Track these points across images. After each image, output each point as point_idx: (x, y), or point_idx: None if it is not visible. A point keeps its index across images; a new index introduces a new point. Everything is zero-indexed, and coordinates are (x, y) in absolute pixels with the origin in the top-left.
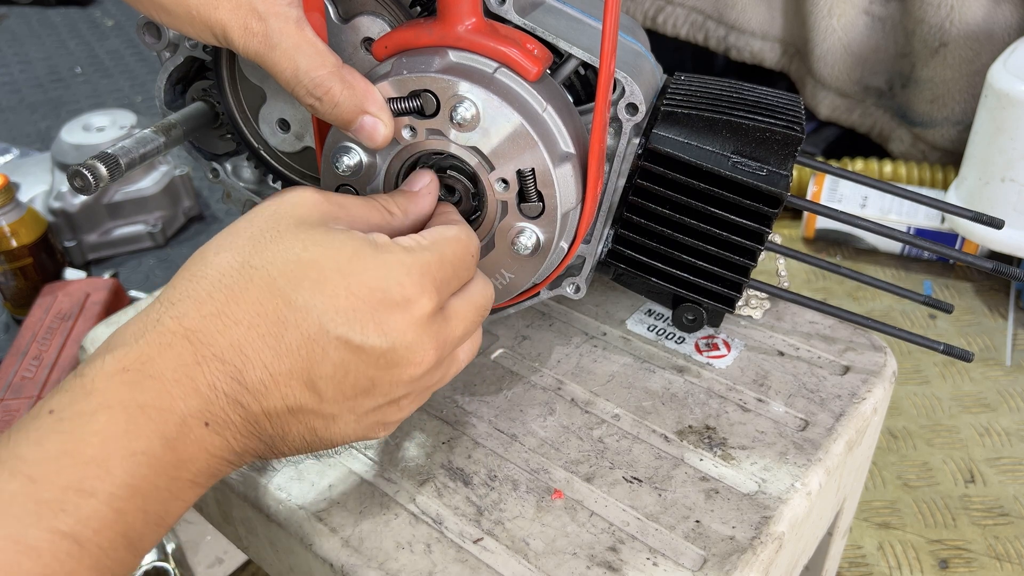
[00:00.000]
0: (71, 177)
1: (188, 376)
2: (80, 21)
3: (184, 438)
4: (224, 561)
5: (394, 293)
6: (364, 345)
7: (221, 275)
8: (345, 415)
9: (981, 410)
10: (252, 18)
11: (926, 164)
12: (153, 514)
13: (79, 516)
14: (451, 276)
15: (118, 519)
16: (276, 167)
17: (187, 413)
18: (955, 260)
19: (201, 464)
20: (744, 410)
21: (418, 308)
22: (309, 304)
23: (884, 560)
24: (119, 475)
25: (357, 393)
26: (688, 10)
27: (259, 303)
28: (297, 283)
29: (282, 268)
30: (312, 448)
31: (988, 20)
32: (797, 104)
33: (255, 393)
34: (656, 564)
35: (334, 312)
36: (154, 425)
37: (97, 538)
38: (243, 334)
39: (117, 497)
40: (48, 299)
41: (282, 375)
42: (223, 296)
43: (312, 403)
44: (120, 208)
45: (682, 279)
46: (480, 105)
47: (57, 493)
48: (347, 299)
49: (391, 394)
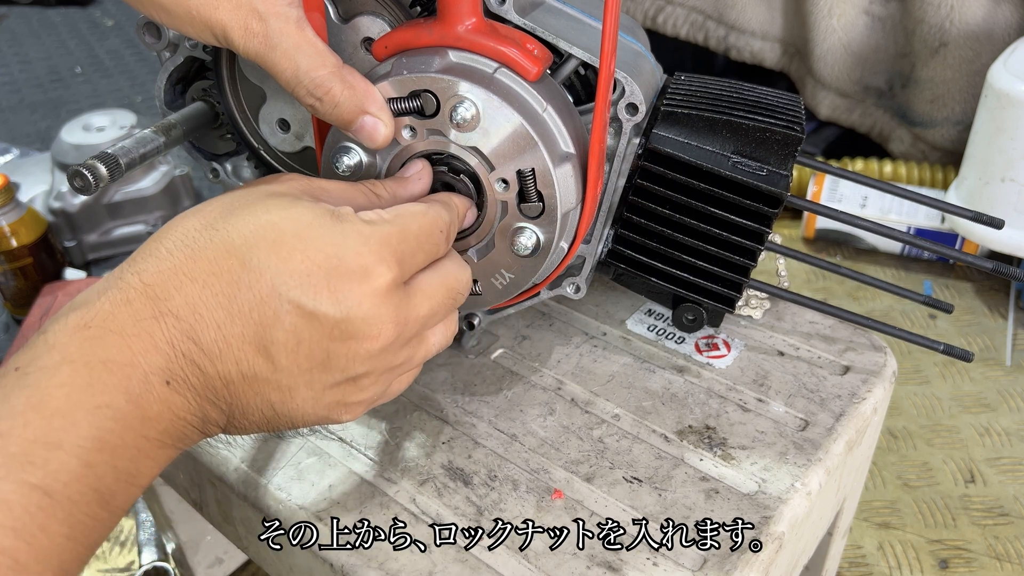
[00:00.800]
0: (71, 177)
1: (147, 331)
2: (80, 21)
3: (147, 395)
4: (224, 561)
5: (350, 261)
6: (317, 311)
7: (184, 235)
8: (302, 389)
9: (981, 410)
10: (252, 18)
11: (926, 164)
12: (123, 471)
13: (47, 469)
14: (415, 249)
15: (87, 472)
16: (276, 167)
17: (148, 370)
18: (955, 260)
19: (166, 423)
20: (744, 410)
21: (375, 278)
22: (263, 265)
23: (884, 560)
24: (85, 428)
25: (312, 365)
26: (688, 10)
27: (215, 261)
28: (254, 244)
29: (241, 230)
30: (273, 424)
31: (988, 20)
32: (797, 104)
33: (210, 355)
34: (656, 564)
35: (287, 275)
36: (116, 380)
37: (67, 491)
38: (198, 292)
39: (84, 449)
40: (48, 299)
41: (235, 337)
42: (182, 254)
43: (266, 371)
44: (120, 208)
45: (682, 279)
46: (480, 105)
47: (24, 446)
48: (302, 262)
49: (348, 369)
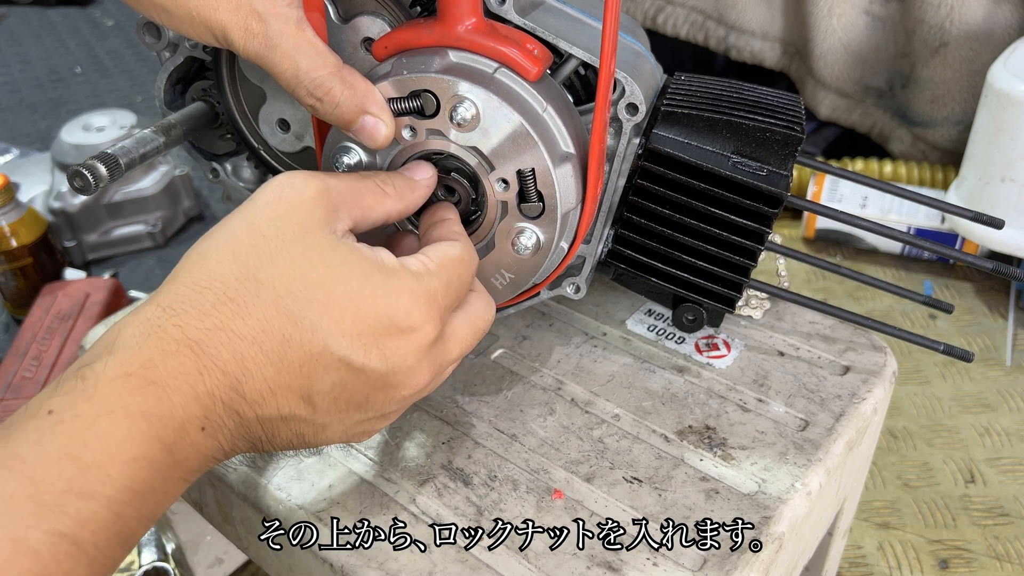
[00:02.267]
0: (71, 177)
1: (189, 384)
2: (80, 21)
3: (181, 442)
4: (224, 561)
5: (400, 321)
6: (365, 367)
7: (225, 287)
8: (335, 425)
9: (981, 410)
10: (252, 19)
11: (926, 164)
12: (147, 513)
13: (79, 518)
14: (454, 300)
15: (116, 520)
16: (276, 167)
17: (185, 419)
18: (955, 260)
19: (193, 464)
20: (744, 410)
21: (421, 336)
22: (315, 325)
23: (884, 560)
24: (119, 479)
25: (351, 408)
26: (688, 10)
27: (264, 320)
28: (305, 304)
29: (289, 287)
30: (296, 448)
31: (988, 20)
32: (797, 104)
33: (252, 403)
34: (656, 564)
35: (339, 335)
36: (154, 431)
37: (94, 539)
38: (246, 349)
39: (116, 500)
40: (48, 299)
41: (281, 388)
42: (228, 310)
43: (306, 414)
44: (120, 208)
45: (682, 279)
46: (480, 105)
47: (57, 496)
48: (353, 323)
49: (383, 410)
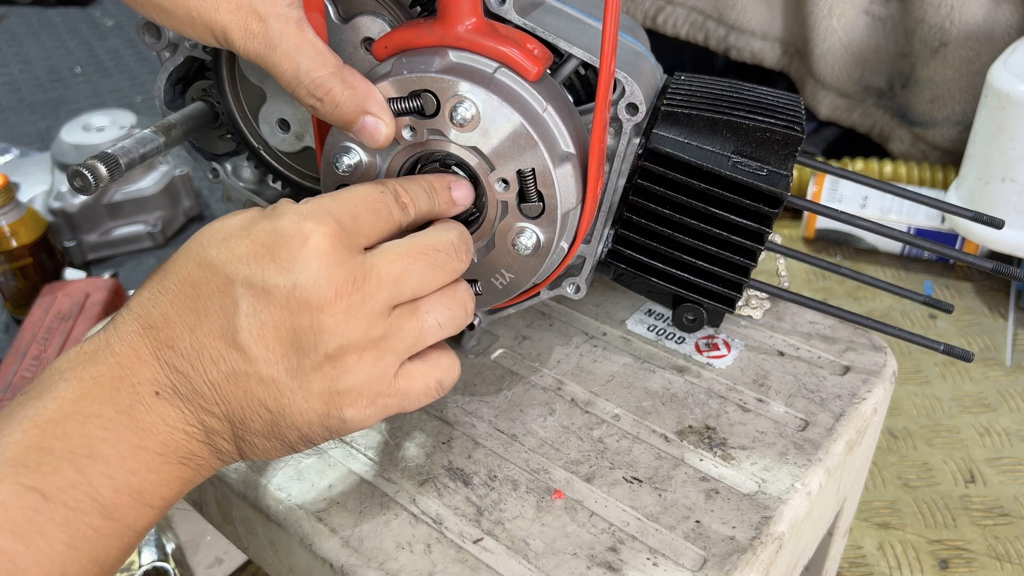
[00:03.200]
0: (71, 177)
1: (132, 346)
2: (80, 21)
3: (137, 405)
4: (224, 561)
5: (288, 229)
6: (267, 285)
7: (164, 265)
8: (284, 379)
9: (981, 410)
10: (252, 19)
11: (926, 164)
12: (123, 483)
13: (41, 471)
14: (353, 210)
15: (81, 479)
16: (276, 167)
17: (136, 381)
18: (955, 260)
19: (163, 435)
20: (744, 410)
21: (313, 237)
22: (215, 259)
23: (884, 560)
24: (75, 435)
25: (284, 347)
26: (688, 10)
27: (179, 272)
28: (207, 245)
29: (198, 239)
30: (277, 433)
31: (988, 20)
32: (797, 104)
33: (189, 359)
34: (656, 564)
35: (236, 260)
36: (105, 392)
37: (62, 496)
38: (169, 302)
39: (76, 455)
40: (48, 299)
41: (205, 335)
42: (157, 276)
43: (242, 364)
44: (120, 208)
45: (682, 279)
46: (480, 105)
47: (20, 451)
48: (248, 246)
49: (320, 344)
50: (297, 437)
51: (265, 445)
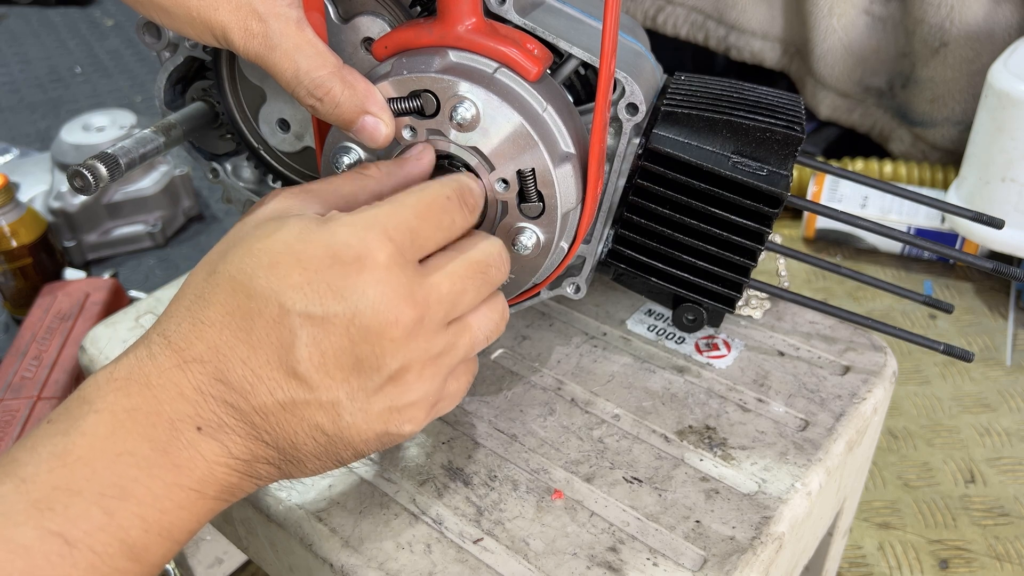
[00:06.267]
0: (71, 177)
1: (172, 381)
2: (80, 21)
3: (175, 442)
4: (224, 561)
5: (343, 255)
6: (327, 315)
7: (194, 288)
8: (345, 402)
9: (981, 410)
10: (252, 19)
11: (926, 164)
12: (153, 523)
13: (67, 515)
14: (415, 225)
15: (109, 522)
16: (276, 167)
17: (175, 417)
18: (955, 260)
19: (201, 471)
20: (744, 410)
21: (371, 262)
22: (266, 289)
23: (884, 560)
24: (105, 475)
25: (346, 374)
26: (688, 10)
27: (225, 303)
28: (252, 273)
29: (240, 265)
30: (332, 452)
31: (988, 20)
32: (797, 104)
33: (241, 391)
34: (656, 564)
35: (290, 290)
36: (140, 428)
37: (89, 540)
38: (216, 334)
39: (105, 497)
40: (48, 299)
41: (261, 367)
42: (197, 306)
43: (301, 392)
44: (120, 208)
45: (682, 279)
46: (480, 105)
47: (46, 492)
48: (300, 274)
49: (382, 367)
50: (351, 454)
51: (315, 465)
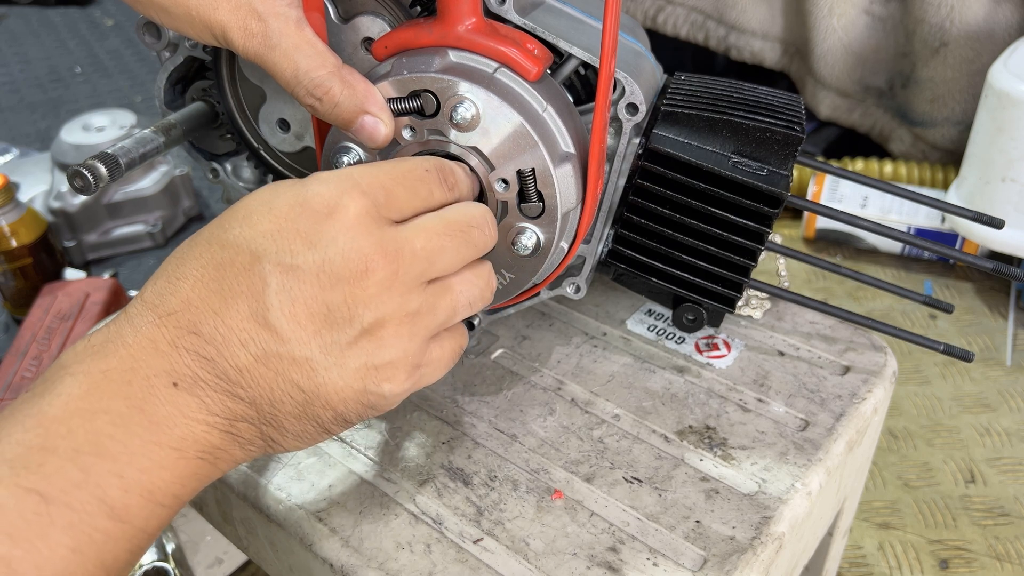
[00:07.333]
0: (71, 177)
1: (147, 338)
2: (80, 21)
3: (152, 399)
4: (224, 561)
5: (314, 203)
6: (296, 263)
7: (175, 253)
8: (319, 357)
9: (981, 410)
10: (252, 19)
11: (926, 164)
12: (133, 482)
13: (42, 472)
14: (389, 186)
15: (86, 479)
16: (276, 167)
17: (150, 373)
18: (955, 260)
19: (180, 429)
20: (744, 410)
21: (342, 211)
22: (238, 238)
23: (884, 560)
24: (80, 433)
25: (317, 324)
26: (688, 10)
27: (200, 256)
28: (227, 227)
29: (218, 222)
30: (311, 414)
31: (988, 20)
32: (797, 104)
33: (214, 343)
34: (656, 564)
35: (261, 237)
36: (115, 386)
37: (65, 497)
38: (190, 288)
39: (81, 454)
40: (48, 299)
41: (232, 317)
42: (173, 265)
43: (274, 344)
44: (120, 208)
45: (682, 279)
46: (480, 105)
47: (21, 451)
48: (271, 222)
49: (355, 318)
50: (331, 416)
51: (296, 428)
